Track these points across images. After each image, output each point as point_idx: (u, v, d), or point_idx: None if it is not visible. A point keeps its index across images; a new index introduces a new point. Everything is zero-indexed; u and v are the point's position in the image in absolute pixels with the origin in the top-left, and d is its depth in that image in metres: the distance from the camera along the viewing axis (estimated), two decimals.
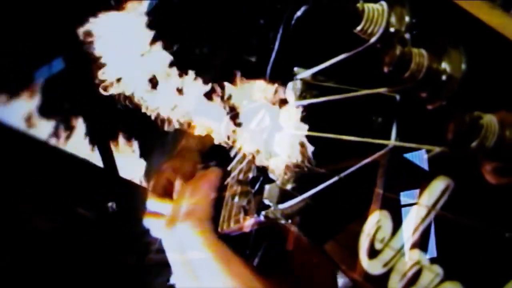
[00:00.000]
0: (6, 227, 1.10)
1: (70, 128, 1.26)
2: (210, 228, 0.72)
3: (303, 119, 0.59)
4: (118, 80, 0.69)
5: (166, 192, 0.85)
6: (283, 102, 0.63)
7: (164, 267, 0.87)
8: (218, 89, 0.71)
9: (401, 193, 0.47)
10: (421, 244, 0.44)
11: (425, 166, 0.45)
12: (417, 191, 0.45)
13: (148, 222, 0.82)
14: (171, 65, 0.72)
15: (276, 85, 0.66)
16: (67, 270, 1.12)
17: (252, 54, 0.99)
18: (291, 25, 0.64)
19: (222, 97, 0.72)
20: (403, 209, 0.46)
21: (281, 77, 0.65)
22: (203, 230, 0.71)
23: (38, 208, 1.14)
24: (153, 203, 0.83)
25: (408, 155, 0.46)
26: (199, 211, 0.73)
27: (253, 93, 0.69)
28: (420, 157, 0.45)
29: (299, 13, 0.62)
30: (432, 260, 0.43)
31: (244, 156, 0.69)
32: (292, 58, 0.65)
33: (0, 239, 1.09)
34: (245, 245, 0.72)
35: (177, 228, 0.72)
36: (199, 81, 0.73)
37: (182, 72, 0.72)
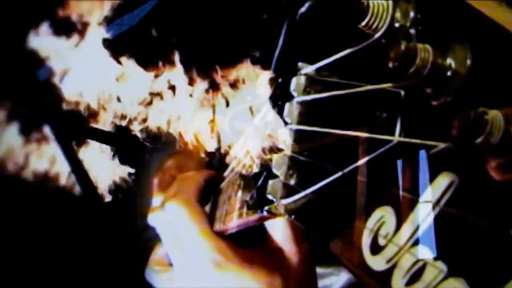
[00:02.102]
0: (5, 227, 1.10)
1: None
2: (196, 204, 0.75)
3: (308, 114, 0.59)
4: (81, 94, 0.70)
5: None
6: (287, 97, 0.63)
7: None
8: (221, 86, 0.71)
9: (405, 189, 0.47)
10: (424, 240, 0.44)
11: (429, 162, 0.45)
12: (421, 187, 0.45)
13: (152, 218, 0.83)
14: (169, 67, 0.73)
15: (279, 80, 0.66)
16: (67, 270, 1.12)
17: (255, 49, 0.99)
18: (295, 20, 0.64)
19: (223, 95, 0.72)
20: (407, 205, 0.46)
21: (285, 72, 0.65)
22: (188, 203, 0.73)
23: (37, 208, 1.14)
24: (159, 199, 0.84)
25: (412, 152, 0.46)
26: (186, 191, 0.76)
27: (257, 89, 0.69)
28: (424, 154, 0.45)
29: (303, 9, 0.62)
30: (436, 257, 0.43)
31: (247, 152, 0.69)
32: (297, 54, 0.64)
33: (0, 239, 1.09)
34: (247, 239, 0.72)
35: (165, 208, 0.75)
36: (198, 79, 0.73)
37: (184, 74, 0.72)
